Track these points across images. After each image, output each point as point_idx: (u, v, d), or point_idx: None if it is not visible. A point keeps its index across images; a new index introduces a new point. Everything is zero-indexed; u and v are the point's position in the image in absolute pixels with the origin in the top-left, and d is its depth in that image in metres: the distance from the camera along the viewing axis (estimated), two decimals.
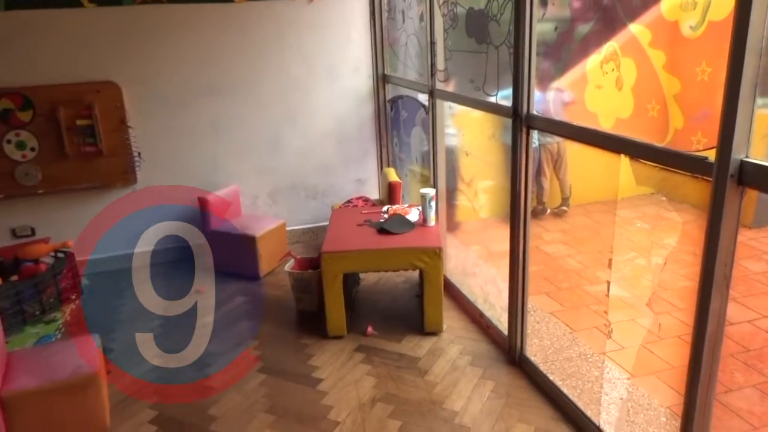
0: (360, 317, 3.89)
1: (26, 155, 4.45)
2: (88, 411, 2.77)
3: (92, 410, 2.78)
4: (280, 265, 4.70)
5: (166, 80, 4.68)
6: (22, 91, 4.34)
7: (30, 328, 3.93)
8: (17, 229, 4.64)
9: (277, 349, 3.57)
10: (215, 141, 4.93)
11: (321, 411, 2.98)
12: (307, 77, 5.01)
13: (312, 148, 5.19)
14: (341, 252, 3.50)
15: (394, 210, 4.07)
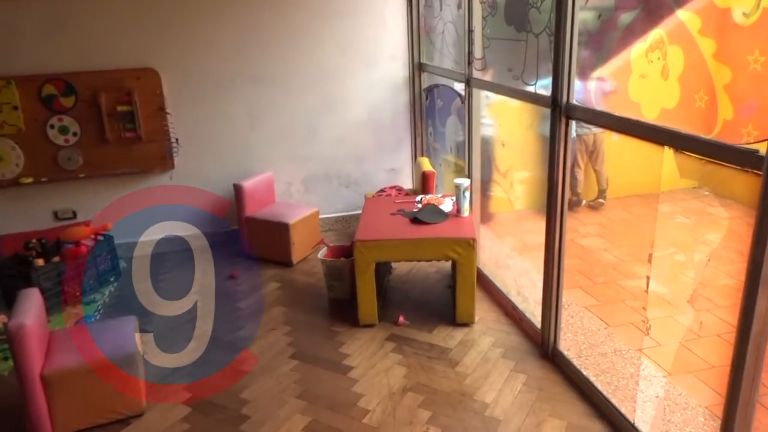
0: (391, 306, 3.89)
1: (68, 140, 4.56)
2: (125, 391, 2.84)
3: (128, 390, 2.85)
4: (312, 253, 4.73)
5: (204, 67, 4.73)
6: (65, 77, 4.44)
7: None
8: (59, 211, 4.77)
9: (308, 336, 3.60)
10: (251, 128, 4.96)
11: (351, 398, 2.99)
12: (342, 65, 5.00)
13: (346, 137, 5.19)
14: (374, 241, 3.49)
15: (427, 200, 4.04)
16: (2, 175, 4.50)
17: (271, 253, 4.67)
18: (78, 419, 2.78)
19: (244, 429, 2.80)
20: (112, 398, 2.83)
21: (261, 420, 2.86)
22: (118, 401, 2.84)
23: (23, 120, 4.42)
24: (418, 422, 2.80)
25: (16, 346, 2.57)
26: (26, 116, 4.43)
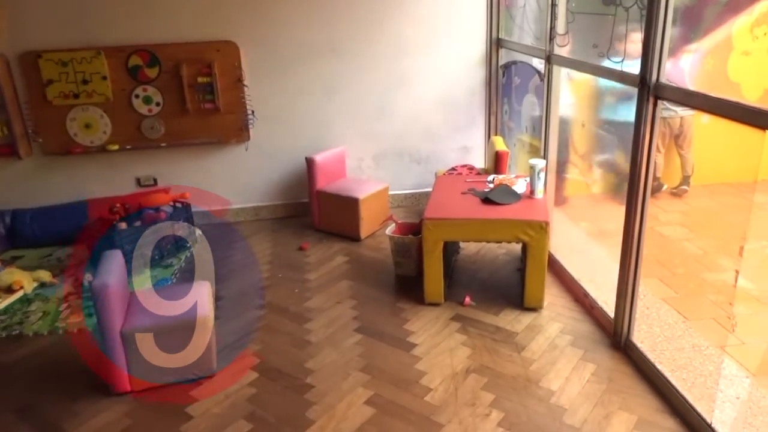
0: (458, 286, 3.85)
1: (152, 110, 4.74)
2: (197, 352, 2.95)
3: (200, 351, 2.96)
4: (381, 229, 4.73)
5: (282, 41, 4.77)
6: (150, 48, 4.60)
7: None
8: (142, 178, 4.99)
9: (374, 311, 3.61)
10: (325, 102, 4.99)
11: (414, 375, 2.99)
12: (419, 41, 4.92)
13: (419, 113, 5.13)
14: (443, 219, 3.45)
15: (499, 180, 3.95)
16: (91, 142, 4.75)
17: (339, 227, 4.71)
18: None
19: (308, 398, 2.86)
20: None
21: (324, 390, 2.90)
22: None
23: (111, 90, 4.63)
24: (480, 404, 2.76)
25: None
26: (114, 86, 4.63)
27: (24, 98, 4.60)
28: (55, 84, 4.55)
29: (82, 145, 4.74)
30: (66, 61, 4.51)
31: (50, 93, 4.56)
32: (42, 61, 4.48)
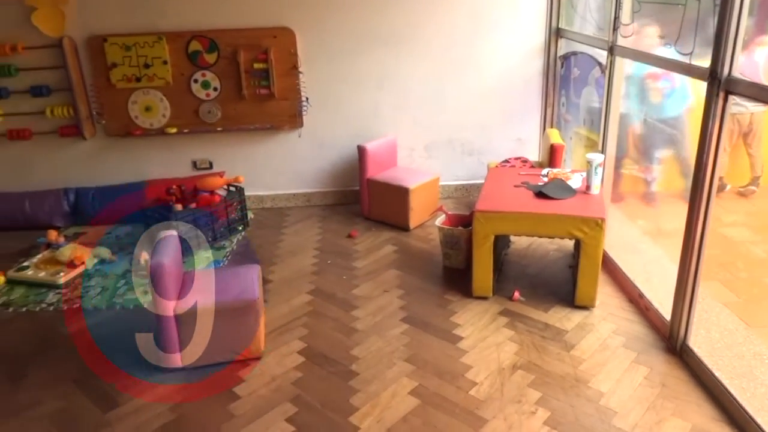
0: (507, 281, 3.79)
1: (209, 94, 4.84)
2: (246, 334, 3.01)
3: (249, 334, 3.02)
4: (430, 219, 4.71)
5: (337, 28, 4.78)
6: (209, 34, 4.69)
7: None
8: (198, 161, 5.11)
9: (421, 302, 3.60)
10: (378, 90, 4.98)
11: (459, 368, 2.96)
12: (475, 29, 4.84)
13: (473, 104, 5.05)
14: (495, 212, 3.39)
15: (554, 174, 3.85)
16: (150, 125, 4.89)
17: (389, 216, 4.71)
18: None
19: (352, 384, 2.88)
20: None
21: (369, 378, 2.92)
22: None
23: (171, 74, 4.75)
24: (526, 401, 2.72)
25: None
26: (174, 70, 4.75)
27: (89, 81, 4.77)
28: (119, 67, 4.70)
29: (142, 128, 4.89)
30: (129, 46, 4.64)
31: (114, 76, 4.72)
32: (107, 45, 4.64)
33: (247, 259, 4.16)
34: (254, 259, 4.16)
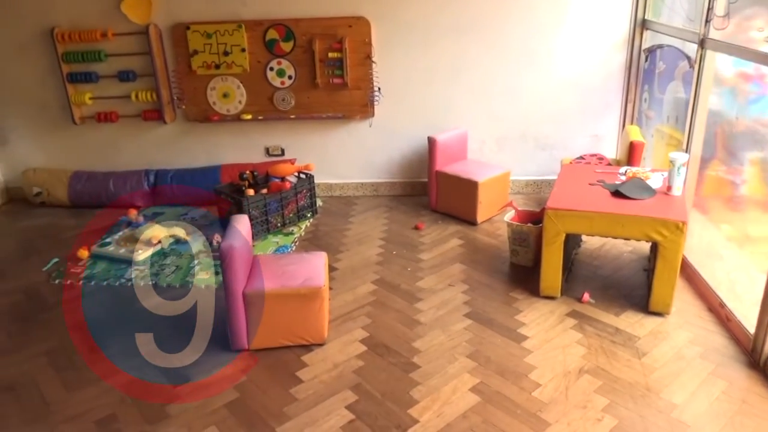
0: (576, 281, 3.67)
1: (284, 82, 4.92)
2: (311, 320, 3.06)
3: (314, 320, 3.06)
4: (499, 214, 4.62)
5: (413, 18, 4.74)
6: (286, 23, 4.76)
7: (272, 237, 4.45)
8: (270, 148, 5.22)
9: (485, 298, 3.54)
10: (451, 82, 4.91)
11: (523, 368, 2.90)
12: (555, 20, 4.68)
13: (548, 97, 4.90)
14: (567, 210, 3.28)
15: (633, 173, 3.69)
16: (227, 111, 5.03)
17: (456, 210, 4.66)
18: (269, 337, 3.07)
19: (413, 377, 2.87)
20: (298, 324, 3.07)
21: (430, 372, 2.90)
22: (304, 328, 3.07)
23: (248, 61, 4.86)
24: (592, 407, 2.63)
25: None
26: (251, 58, 4.86)
27: (172, 67, 4.96)
28: (200, 54, 4.85)
29: (219, 114, 5.04)
30: (210, 33, 4.79)
31: (195, 63, 4.88)
32: (189, 33, 4.80)
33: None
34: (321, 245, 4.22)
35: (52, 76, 5.04)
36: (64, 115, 5.15)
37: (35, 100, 5.18)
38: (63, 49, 4.91)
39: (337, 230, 4.58)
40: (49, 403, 2.80)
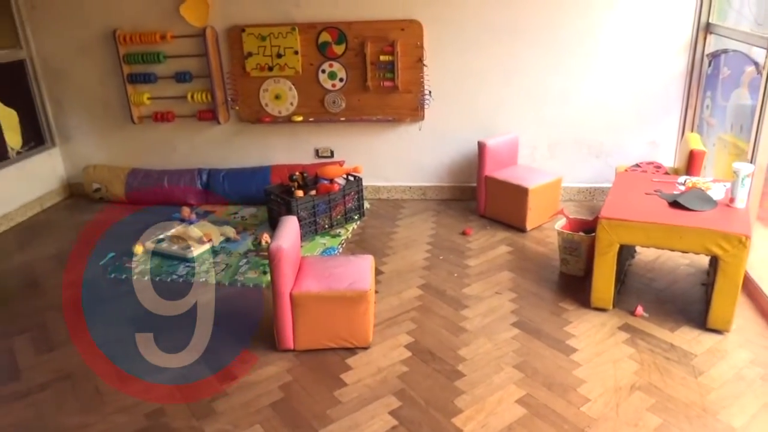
0: (629, 293, 3.55)
1: (335, 85, 4.95)
2: (356, 323, 3.06)
3: (359, 323, 3.06)
4: (549, 222, 4.52)
5: (466, 21, 4.69)
6: (339, 26, 4.79)
7: (319, 238, 4.48)
8: (320, 150, 5.27)
9: (534, 307, 3.47)
10: (502, 86, 4.84)
11: (572, 382, 2.82)
12: (613, 22, 4.55)
13: (603, 102, 4.77)
14: (622, 220, 3.18)
15: (693, 183, 3.55)
16: (279, 112, 5.10)
17: (505, 216, 4.59)
18: (314, 339, 3.09)
19: (458, 385, 2.83)
20: (343, 327, 3.07)
21: (475, 381, 2.86)
22: (349, 331, 3.08)
23: (301, 64, 4.92)
24: (644, 426, 2.53)
25: (274, 265, 2.92)
26: (303, 60, 4.92)
27: (226, 69, 5.06)
28: (254, 57, 4.94)
29: (271, 115, 5.12)
30: (264, 36, 4.86)
31: (249, 65, 4.97)
32: (245, 35, 4.89)
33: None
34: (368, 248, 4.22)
35: (113, 77, 5.23)
36: (123, 114, 5.33)
37: (97, 100, 5.39)
38: (124, 50, 5.08)
39: (384, 233, 4.58)
40: (102, 393, 2.90)
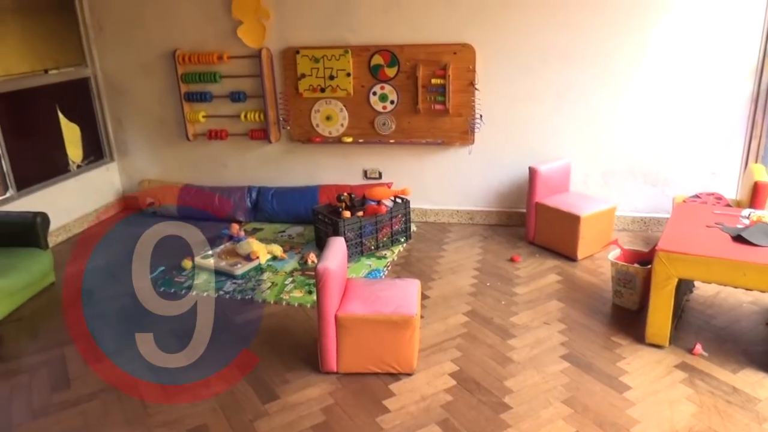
0: (687, 330, 3.40)
1: (386, 107, 4.98)
2: (401, 348, 3.02)
3: (404, 348, 3.02)
4: (602, 252, 4.40)
5: (519, 45, 4.66)
6: (391, 49, 4.83)
7: (365, 259, 4.47)
8: (368, 171, 5.29)
9: (584, 340, 3.36)
10: (555, 111, 4.77)
11: (624, 421, 2.70)
12: (672, 46, 4.43)
13: (660, 129, 4.63)
14: (681, 254, 3.05)
15: (758, 216, 3.39)
16: (329, 133, 5.16)
17: (555, 244, 4.48)
18: (358, 362, 3.06)
19: (504, 418, 2.75)
20: (388, 352, 3.03)
21: (522, 414, 2.77)
22: (393, 356, 3.04)
23: (352, 86, 4.97)
24: None
25: (320, 286, 2.92)
26: (355, 82, 4.97)
27: (280, 89, 5.16)
28: (307, 78, 5.02)
29: (322, 135, 5.18)
30: (318, 58, 4.95)
31: (302, 86, 5.05)
32: (299, 57, 4.98)
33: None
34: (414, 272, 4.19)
35: (171, 95, 5.40)
36: (179, 131, 5.49)
37: (154, 117, 5.57)
38: (182, 70, 5.25)
39: (430, 257, 4.53)
40: (147, 406, 2.93)
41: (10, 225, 4.17)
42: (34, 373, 3.25)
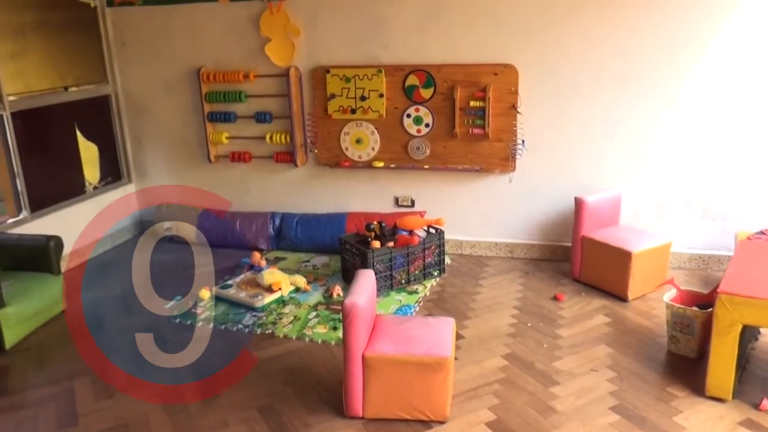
0: (753, 382, 3.29)
1: (420, 130, 5.02)
2: (433, 393, 2.98)
3: (436, 393, 2.98)
4: (655, 292, 4.31)
5: (566, 66, 4.66)
6: (427, 69, 4.88)
7: (395, 294, 4.46)
8: (400, 198, 5.31)
9: (636, 390, 3.27)
10: (605, 138, 4.74)
11: None
12: (735, 69, 4.37)
13: (721, 159, 4.55)
14: (747, 298, 2.97)
15: None
16: (359, 157, 5.21)
17: (604, 282, 4.41)
18: (385, 407, 3.03)
19: None
20: (418, 396, 3.00)
21: None
22: (424, 402, 3.00)
23: (385, 107, 5.03)
24: None
25: (347, 322, 2.91)
26: (388, 104, 5.03)
27: (308, 110, 5.25)
28: (337, 98, 5.10)
29: (351, 159, 5.23)
30: (349, 78, 5.03)
31: (331, 107, 5.13)
32: (329, 76, 5.07)
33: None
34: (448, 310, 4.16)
35: (194, 115, 5.54)
36: (201, 152, 5.61)
37: (176, 137, 5.71)
38: (207, 88, 5.38)
39: (465, 293, 4.50)
40: None
41: (22, 248, 4.29)
42: (41, 407, 3.30)
